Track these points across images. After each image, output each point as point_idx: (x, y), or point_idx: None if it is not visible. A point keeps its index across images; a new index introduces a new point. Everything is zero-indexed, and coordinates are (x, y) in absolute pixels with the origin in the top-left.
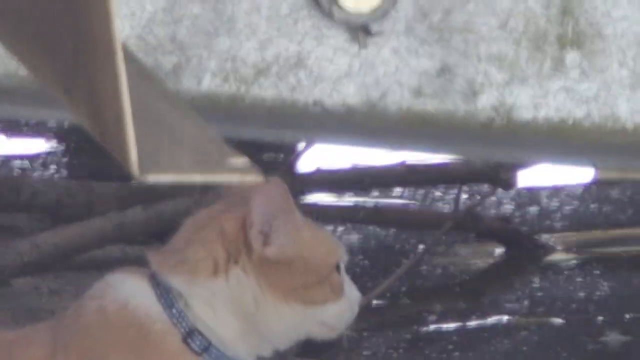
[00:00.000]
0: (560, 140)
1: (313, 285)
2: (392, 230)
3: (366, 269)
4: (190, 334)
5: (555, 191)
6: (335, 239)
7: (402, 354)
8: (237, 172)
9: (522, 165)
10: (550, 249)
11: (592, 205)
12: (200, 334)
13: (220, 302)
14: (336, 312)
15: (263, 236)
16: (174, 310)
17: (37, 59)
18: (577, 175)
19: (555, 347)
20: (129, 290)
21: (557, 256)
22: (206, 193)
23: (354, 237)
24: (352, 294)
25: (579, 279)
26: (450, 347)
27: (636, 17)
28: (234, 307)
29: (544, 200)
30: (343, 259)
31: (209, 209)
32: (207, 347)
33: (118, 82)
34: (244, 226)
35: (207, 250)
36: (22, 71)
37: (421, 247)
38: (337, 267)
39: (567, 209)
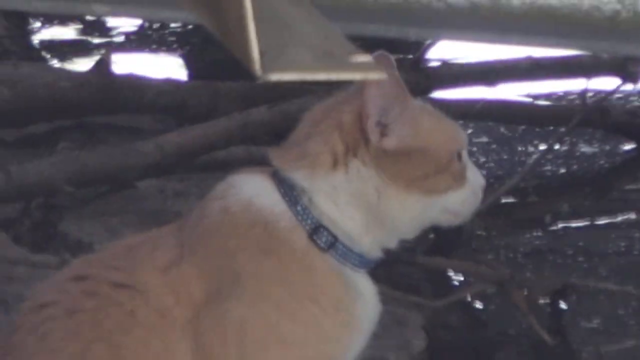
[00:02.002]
0: None
1: (434, 174)
2: (517, 131)
3: (492, 170)
4: (316, 230)
5: None
6: (455, 125)
7: (525, 257)
8: (361, 69)
9: None
10: None
11: None
12: (326, 229)
13: (342, 196)
14: (459, 199)
15: (381, 127)
16: (298, 208)
17: None
18: None
19: None
20: (252, 189)
21: None
22: (332, 91)
23: (482, 140)
24: (475, 180)
25: None
26: (570, 252)
27: None
28: (356, 200)
29: None
30: (464, 145)
31: (325, 102)
32: (334, 242)
33: None
34: (360, 118)
35: (326, 143)
36: None
37: (544, 146)
38: (459, 155)
39: None
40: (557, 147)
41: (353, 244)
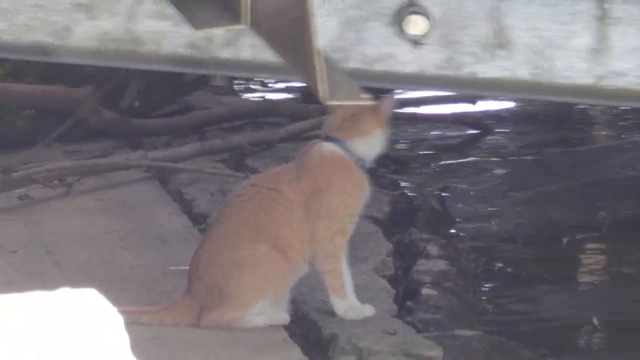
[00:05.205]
0: None
1: None
2: (419, 122)
3: (409, 136)
4: (358, 160)
5: None
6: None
7: (431, 175)
8: (365, 99)
9: None
10: None
11: None
12: (362, 159)
13: (370, 144)
14: None
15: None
16: (351, 153)
17: (287, 55)
18: None
19: None
20: (330, 147)
21: None
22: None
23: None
24: None
25: None
26: (447, 173)
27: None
28: (374, 144)
29: None
30: None
31: (341, 109)
32: (364, 163)
33: (319, 64)
34: (377, 112)
35: (365, 125)
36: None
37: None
38: None
39: None
40: (439, 132)
41: (367, 163)
